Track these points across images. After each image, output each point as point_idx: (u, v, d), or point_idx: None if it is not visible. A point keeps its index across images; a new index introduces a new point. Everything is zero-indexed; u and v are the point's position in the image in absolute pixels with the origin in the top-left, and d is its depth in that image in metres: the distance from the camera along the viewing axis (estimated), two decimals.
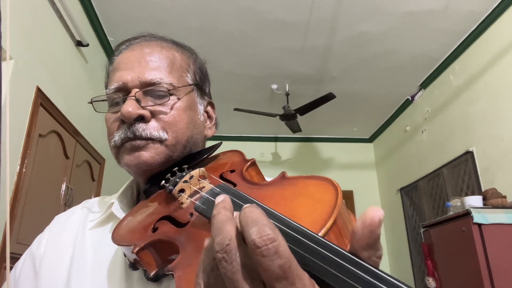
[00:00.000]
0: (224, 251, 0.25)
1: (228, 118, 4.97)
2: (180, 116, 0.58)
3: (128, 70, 0.58)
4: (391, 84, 4.29)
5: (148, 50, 0.61)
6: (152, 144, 0.56)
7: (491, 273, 2.39)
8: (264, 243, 0.23)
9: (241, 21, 3.31)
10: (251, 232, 0.24)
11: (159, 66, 0.59)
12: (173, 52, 0.63)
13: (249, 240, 0.24)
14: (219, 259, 0.25)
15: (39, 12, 2.41)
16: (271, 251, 0.23)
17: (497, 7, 3.10)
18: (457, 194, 3.67)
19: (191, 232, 0.42)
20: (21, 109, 2.18)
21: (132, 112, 0.54)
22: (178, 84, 0.60)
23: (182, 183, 0.49)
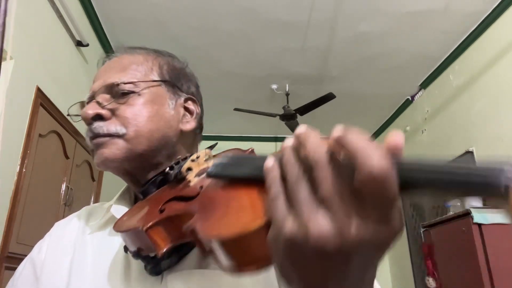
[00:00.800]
0: (327, 160, 0.27)
1: (228, 118, 4.97)
2: (140, 110, 0.60)
3: (96, 80, 0.63)
4: (391, 84, 4.29)
5: (116, 59, 0.66)
6: (111, 140, 0.58)
7: (491, 273, 2.39)
8: (385, 174, 0.24)
9: (241, 21, 3.31)
10: (373, 160, 0.24)
11: (120, 69, 0.63)
12: (136, 55, 0.66)
13: (368, 167, 0.24)
14: (319, 166, 0.26)
15: (39, 12, 2.41)
16: (389, 181, 0.24)
17: (497, 7, 3.10)
18: None
19: (205, 197, 0.42)
20: (21, 109, 2.18)
21: (87, 112, 0.58)
22: (138, 79, 0.62)
23: (190, 162, 0.50)
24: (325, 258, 0.26)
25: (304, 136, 0.29)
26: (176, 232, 0.43)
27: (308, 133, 0.29)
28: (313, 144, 0.28)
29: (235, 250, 0.31)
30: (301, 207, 0.27)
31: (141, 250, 0.46)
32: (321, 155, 0.27)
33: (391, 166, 0.24)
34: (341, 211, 0.25)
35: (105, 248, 0.58)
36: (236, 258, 0.31)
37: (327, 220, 0.26)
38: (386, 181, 0.24)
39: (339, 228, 0.25)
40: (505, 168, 0.23)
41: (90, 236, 0.62)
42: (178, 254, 0.52)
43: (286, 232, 0.27)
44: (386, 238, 0.26)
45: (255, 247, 0.30)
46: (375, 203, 0.25)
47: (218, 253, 0.32)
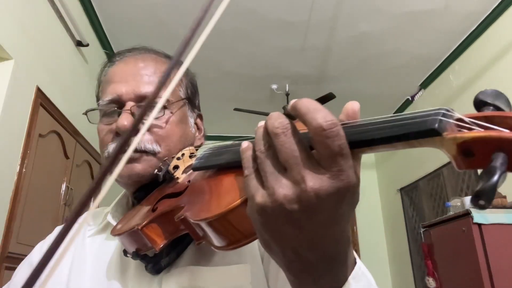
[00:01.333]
0: (284, 128, 0.30)
1: (228, 118, 4.96)
2: (173, 129, 0.60)
3: (123, 83, 0.60)
4: (391, 84, 4.29)
5: (142, 64, 0.62)
6: (145, 157, 0.57)
7: (491, 273, 2.39)
8: (329, 127, 0.28)
9: (241, 21, 3.31)
10: (317, 117, 0.28)
11: (153, 81, 0.61)
12: (166, 66, 0.64)
13: (315, 123, 0.28)
14: (277, 134, 0.30)
15: (39, 12, 2.41)
16: (334, 133, 0.28)
17: (497, 7, 3.10)
18: (457, 194, 3.67)
19: (192, 189, 0.45)
20: (21, 109, 2.18)
21: (127, 126, 0.56)
22: (172, 98, 0.61)
23: (176, 160, 0.52)
24: (293, 218, 0.29)
25: (269, 115, 0.32)
26: (170, 227, 0.45)
27: (273, 112, 0.32)
28: (273, 116, 0.31)
29: (223, 228, 0.34)
30: (268, 178, 0.30)
31: (139, 250, 0.48)
32: (277, 125, 0.30)
33: (336, 121, 0.28)
34: (299, 172, 0.29)
35: (102, 252, 0.60)
36: (225, 235, 0.35)
37: (288, 183, 0.29)
38: (332, 133, 0.27)
39: (299, 187, 0.28)
40: (438, 113, 0.26)
41: (90, 240, 0.63)
42: (176, 251, 0.54)
43: (257, 201, 0.30)
44: (342, 191, 0.29)
45: (240, 223, 0.34)
46: (326, 158, 0.28)
47: (210, 235, 0.36)
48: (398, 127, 0.27)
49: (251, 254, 0.56)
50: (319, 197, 0.28)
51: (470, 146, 0.24)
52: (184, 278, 0.53)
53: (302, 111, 0.29)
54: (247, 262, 0.54)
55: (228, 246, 0.35)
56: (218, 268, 0.53)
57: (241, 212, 0.33)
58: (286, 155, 0.29)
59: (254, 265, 0.55)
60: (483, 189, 0.22)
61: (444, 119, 0.26)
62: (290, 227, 0.30)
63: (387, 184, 5.41)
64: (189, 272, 0.53)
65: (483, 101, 0.28)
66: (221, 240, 0.35)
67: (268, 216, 0.30)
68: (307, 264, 0.32)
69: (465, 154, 0.25)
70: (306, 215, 0.29)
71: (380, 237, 5.40)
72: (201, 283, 0.52)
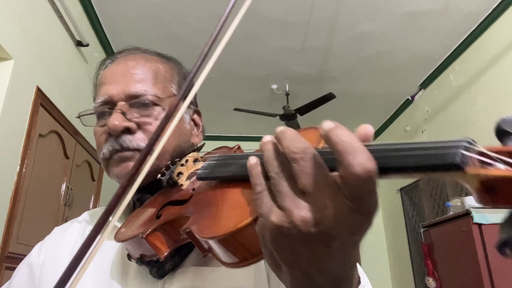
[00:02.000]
0: (303, 153, 0.28)
1: (228, 118, 4.96)
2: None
3: (113, 83, 0.60)
4: (391, 84, 4.29)
5: (132, 63, 0.62)
6: (138, 155, 0.57)
7: (491, 273, 2.39)
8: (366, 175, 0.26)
9: (241, 22, 3.30)
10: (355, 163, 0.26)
11: (143, 78, 0.60)
12: (156, 64, 0.64)
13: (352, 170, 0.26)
14: (296, 160, 0.28)
15: (39, 12, 2.41)
16: (369, 180, 0.26)
17: (497, 7, 3.10)
18: (457, 194, 3.67)
19: (197, 198, 0.44)
20: (21, 109, 2.18)
21: (118, 125, 0.56)
22: (163, 95, 0.61)
23: (180, 166, 0.52)
24: (307, 242, 0.29)
25: (281, 133, 0.31)
26: (175, 235, 0.45)
27: (286, 130, 0.31)
28: (289, 138, 0.30)
29: (231, 246, 0.33)
30: (284, 198, 0.29)
31: (144, 256, 0.48)
32: (294, 150, 0.29)
33: (374, 168, 0.26)
34: (319, 197, 0.28)
35: (102, 253, 0.59)
36: (233, 253, 0.34)
37: (307, 207, 0.28)
38: (370, 180, 0.26)
39: (319, 213, 0.28)
40: (459, 146, 0.25)
41: None
42: (180, 255, 0.54)
43: (272, 221, 0.29)
44: (362, 222, 0.28)
45: (249, 241, 0.33)
46: (352, 193, 0.27)
47: (216, 251, 0.35)
48: (418, 159, 0.26)
49: None
50: (339, 224, 0.27)
51: (493, 184, 0.23)
52: (187, 279, 0.52)
53: (338, 148, 0.26)
54: None
55: (237, 264, 0.34)
56: (221, 269, 0.53)
57: (250, 231, 0.32)
58: (305, 181, 0.28)
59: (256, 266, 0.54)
60: (509, 238, 0.21)
61: (466, 154, 0.24)
62: (304, 250, 0.29)
63: (387, 184, 5.41)
64: (191, 273, 0.53)
65: (506, 131, 0.25)
66: (228, 257, 0.34)
67: (282, 236, 0.29)
68: (314, 286, 0.31)
69: (488, 191, 0.24)
70: (323, 240, 0.28)
71: (380, 237, 5.40)
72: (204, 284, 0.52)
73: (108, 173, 0.60)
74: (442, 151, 0.25)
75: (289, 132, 0.30)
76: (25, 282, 0.62)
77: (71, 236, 0.65)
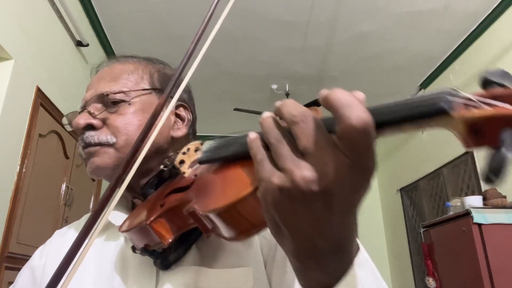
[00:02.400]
0: (303, 116, 0.30)
1: (228, 118, 4.96)
2: (130, 119, 0.61)
3: (89, 89, 0.64)
4: (391, 84, 4.29)
5: (107, 68, 0.66)
6: (102, 149, 0.59)
7: (491, 273, 2.39)
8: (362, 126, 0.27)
9: (241, 21, 3.31)
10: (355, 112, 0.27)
11: (112, 78, 0.63)
12: (126, 64, 0.67)
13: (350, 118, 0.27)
14: (296, 122, 0.30)
15: (39, 12, 2.41)
16: (367, 134, 0.27)
17: (497, 7, 3.10)
18: (457, 194, 3.67)
19: (199, 182, 0.45)
20: (21, 109, 2.18)
21: (79, 122, 0.59)
22: (129, 89, 0.63)
23: (181, 155, 0.53)
24: (308, 202, 0.29)
25: (281, 103, 0.32)
26: (179, 221, 0.45)
27: (285, 100, 0.32)
28: (289, 104, 0.31)
29: (232, 218, 0.34)
30: (285, 161, 0.30)
31: (148, 245, 0.49)
32: (295, 113, 0.30)
33: (371, 120, 0.27)
34: (320, 157, 0.28)
35: (102, 253, 0.60)
36: (234, 225, 0.35)
37: (308, 167, 0.29)
38: (367, 131, 0.27)
39: (319, 171, 0.28)
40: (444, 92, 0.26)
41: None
42: (183, 247, 0.54)
43: (274, 182, 0.30)
44: (361, 178, 0.29)
45: (249, 212, 0.34)
46: (350, 150, 0.28)
47: (219, 226, 0.36)
48: (407, 110, 0.28)
49: (254, 258, 0.56)
50: (339, 181, 0.28)
51: (479, 125, 0.24)
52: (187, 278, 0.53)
53: (336, 104, 0.28)
54: (250, 266, 0.54)
55: (237, 236, 0.35)
56: (221, 270, 0.54)
57: (249, 201, 0.33)
58: (306, 142, 0.29)
59: (257, 269, 0.55)
60: (493, 162, 0.23)
61: (451, 98, 0.26)
62: (305, 210, 0.30)
63: (387, 184, 5.41)
64: (191, 272, 0.54)
65: (489, 80, 0.27)
66: (230, 230, 0.35)
67: (284, 197, 0.30)
68: (316, 251, 0.32)
69: (474, 133, 0.25)
70: (324, 198, 0.29)
71: (380, 237, 5.40)
72: (203, 284, 0.52)
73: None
74: (429, 101, 0.27)
75: (289, 101, 0.32)
76: (28, 285, 0.63)
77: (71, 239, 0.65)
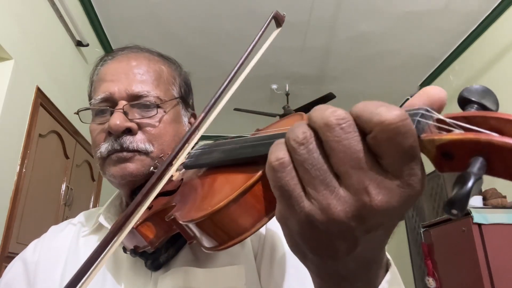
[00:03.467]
0: (342, 119, 0.24)
1: (228, 118, 4.96)
2: (166, 129, 0.59)
3: (115, 81, 0.59)
4: (391, 84, 4.29)
5: (135, 63, 0.61)
6: (138, 156, 0.57)
7: (491, 273, 2.39)
8: (400, 118, 0.22)
9: (241, 21, 3.31)
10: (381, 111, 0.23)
11: (146, 79, 0.60)
12: (159, 65, 0.64)
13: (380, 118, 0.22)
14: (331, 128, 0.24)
15: (39, 12, 2.41)
16: (407, 127, 0.22)
17: (497, 7, 3.10)
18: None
19: (184, 187, 0.45)
20: (21, 109, 2.18)
21: (120, 125, 0.55)
22: (165, 97, 0.61)
23: None
24: (348, 235, 0.25)
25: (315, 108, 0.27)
26: (164, 225, 0.45)
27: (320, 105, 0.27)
28: (321, 109, 0.26)
29: (209, 230, 0.34)
30: (316, 186, 0.24)
31: (137, 247, 0.49)
32: (330, 116, 0.25)
33: (406, 114, 0.23)
34: (360, 180, 0.23)
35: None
36: (212, 237, 0.34)
37: (347, 195, 0.24)
38: (405, 127, 0.22)
39: (360, 201, 0.24)
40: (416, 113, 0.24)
41: (84, 240, 0.64)
42: (174, 248, 0.55)
43: (305, 213, 0.25)
44: (411, 200, 0.24)
45: (226, 224, 0.33)
46: (395, 161, 0.23)
47: (198, 235, 0.35)
48: None
49: (245, 255, 0.56)
50: (385, 212, 0.24)
51: (448, 149, 0.23)
52: (179, 278, 0.53)
53: (358, 109, 0.24)
54: (241, 263, 0.54)
55: (216, 247, 0.34)
56: (213, 270, 0.54)
57: (225, 213, 0.32)
58: (343, 156, 0.24)
59: (248, 266, 0.55)
60: (455, 198, 0.21)
61: (422, 120, 0.24)
62: (341, 243, 0.26)
63: None
64: (183, 272, 0.53)
65: (467, 99, 0.26)
66: (208, 241, 0.35)
67: (316, 231, 0.25)
68: (346, 271, 0.28)
69: (445, 157, 0.23)
70: (365, 231, 0.25)
71: None
72: (196, 284, 0.52)
73: (103, 172, 0.59)
74: None
75: (322, 105, 0.26)
76: (19, 278, 0.62)
77: (66, 238, 0.65)
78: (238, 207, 0.32)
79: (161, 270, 0.54)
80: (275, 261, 0.54)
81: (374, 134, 0.23)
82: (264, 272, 0.54)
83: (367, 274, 0.30)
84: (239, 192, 0.32)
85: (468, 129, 0.23)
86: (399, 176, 0.23)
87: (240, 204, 0.32)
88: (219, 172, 0.38)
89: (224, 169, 0.38)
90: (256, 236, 0.57)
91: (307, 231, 0.26)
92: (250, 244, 0.57)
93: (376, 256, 0.30)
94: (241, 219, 0.32)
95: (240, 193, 0.32)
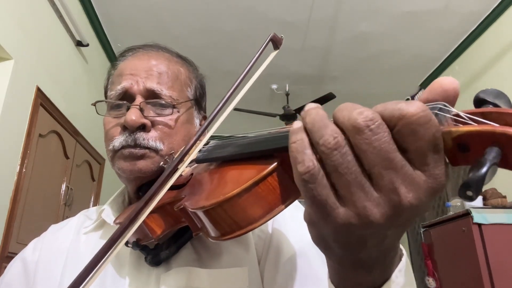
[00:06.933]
0: (371, 120, 0.24)
1: (228, 118, 4.95)
2: (178, 129, 0.60)
3: (134, 76, 0.60)
4: (391, 84, 4.29)
5: (155, 62, 0.62)
6: (149, 153, 0.58)
7: (491, 273, 2.39)
8: (420, 110, 0.23)
9: (241, 21, 3.31)
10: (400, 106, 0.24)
11: (164, 79, 0.61)
12: (178, 67, 0.65)
13: (401, 112, 0.23)
14: (361, 130, 0.24)
15: (39, 12, 2.41)
16: (428, 118, 0.23)
17: (497, 7, 3.10)
18: (457, 194, 3.66)
19: (194, 181, 0.46)
20: (21, 109, 2.18)
21: (136, 121, 0.56)
22: (180, 98, 0.62)
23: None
24: (378, 233, 0.26)
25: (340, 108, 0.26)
26: (171, 218, 0.46)
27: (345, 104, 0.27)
28: (347, 108, 0.25)
29: (218, 218, 0.34)
30: (351, 191, 0.25)
31: (140, 240, 0.49)
32: (358, 117, 0.24)
33: (425, 105, 0.24)
34: (391, 181, 0.24)
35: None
36: (220, 225, 0.34)
37: (382, 198, 0.24)
38: (426, 118, 0.23)
39: (392, 202, 0.24)
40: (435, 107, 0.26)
41: (84, 237, 0.64)
42: (176, 245, 0.55)
43: (341, 219, 0.25)
44: (436, 192, 0.25)
45: (236, 213, 0.33)
46: (419, 155, 0.24)
47: (206, 224, 0.36)
48: None
49: (249, 257, 0.56)
50: (415, 208, 0.24)
51: (465, 141, 0.24)
52: (182, 278, 0.53)
53: (379, 109, 0.25)
54: (245, 266, 0.55)
55: (222, 236, 0.35)
56: (216, 271, 0.54)
57: (237, 202, 0.33)
58: (375, 157, 0.24)
59: (251, 268, 0.55)
60: (471, 180, 0.22)
61: (440, 113, 0.25)
62: (372, 239, 0.27)
63: None
64: (187, 272, 0.54)
65: (483, 100, 0.27)
66: (215, 229, 0.35)
67: (348, 233, 0.26)
68: (368, 259, 0.29)
69: (461, 149, 0.25)
70: (395, 227, 0.26)
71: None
72: (199, 284, 0.53)
73: (113, 164, 0.60)
74: None
75: (348, 104, 0.26)
76: (19, 277, 0.63)
77: (66, 236, 0.66)
78: (250, 196, 0.33)
79: (162, 267, 0.55)
80: (279, 266, 0.54)
81: (398, 128, 0.24)
82: (268, 276, 0.55)
83: (385, 261, 0.31)
84: (253, 182, 0.32)
85: (482, 123, 0.24)
86: (425, 170, 0.24)
87: (252, 194, 0.33)
88: (232, 166, 0.39)
89: (237, 163, 0.38)
90: (261, 240, 0.57)
91: (340, 234, 0.27)
92: (254, 248, 0.57)
93: (395, 244, 0.31)
94: (252, 209, 0.33)
95: (254, 182, 0.32)
